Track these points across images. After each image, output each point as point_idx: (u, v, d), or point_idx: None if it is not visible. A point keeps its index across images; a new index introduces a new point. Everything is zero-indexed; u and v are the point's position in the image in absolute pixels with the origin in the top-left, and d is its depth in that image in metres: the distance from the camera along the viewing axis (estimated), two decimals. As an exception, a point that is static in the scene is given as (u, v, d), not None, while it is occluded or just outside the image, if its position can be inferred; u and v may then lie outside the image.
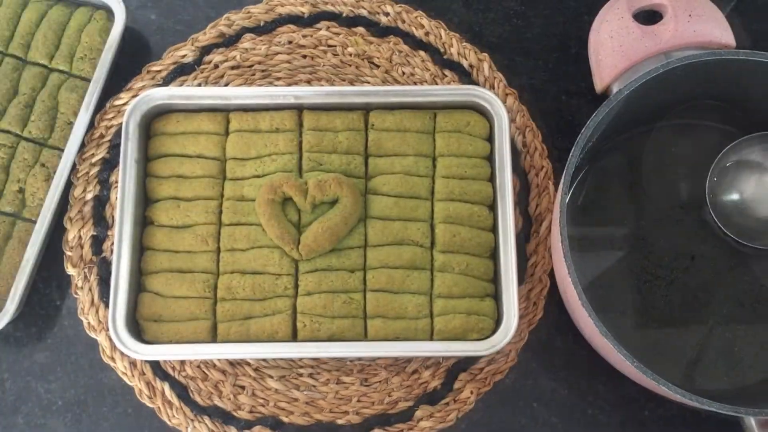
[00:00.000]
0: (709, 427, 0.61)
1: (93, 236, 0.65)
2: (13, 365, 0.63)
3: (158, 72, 0.69)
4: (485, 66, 0.68)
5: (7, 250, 0.63)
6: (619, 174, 0.65)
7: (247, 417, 0.61)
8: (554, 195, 0.65)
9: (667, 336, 0.61)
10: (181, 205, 0.62)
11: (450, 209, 0.61)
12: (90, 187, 0.66)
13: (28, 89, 0.66)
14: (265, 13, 0.70)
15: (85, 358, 0.63)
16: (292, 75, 0.68)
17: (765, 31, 0.70)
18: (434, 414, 0.61)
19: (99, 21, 0.67)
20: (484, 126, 0.63)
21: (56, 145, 0.65)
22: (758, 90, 0.59)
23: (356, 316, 0.60)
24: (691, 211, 0.63)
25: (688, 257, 0.62)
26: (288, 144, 0.63)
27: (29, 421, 0.62)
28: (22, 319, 0.64)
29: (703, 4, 0.62)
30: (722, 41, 0.61)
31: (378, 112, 0.64)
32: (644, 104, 0.58)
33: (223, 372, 0.62)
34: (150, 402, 0.62)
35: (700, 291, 0.62)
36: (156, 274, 0.61)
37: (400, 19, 0.69)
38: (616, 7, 0.62)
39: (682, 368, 0.60)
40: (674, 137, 0.65)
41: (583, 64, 0.66)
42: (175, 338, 0.59)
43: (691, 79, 0.57)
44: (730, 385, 0.60)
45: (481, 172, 0.63)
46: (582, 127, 0.54)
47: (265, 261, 0.61)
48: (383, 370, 0.62)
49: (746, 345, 0.60)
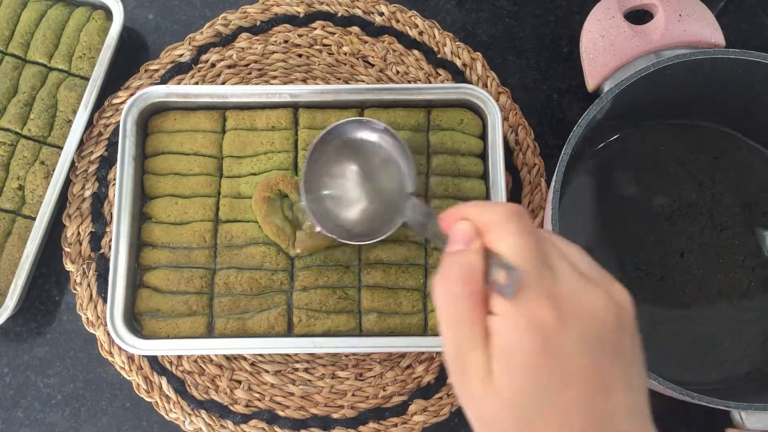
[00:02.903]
0: (698, 420, 0.62)
1: (91, 233, 0.65)
2: (12, 360, 0.64)
3: (156, 71, 0.69)
4: (478, 65, 0.69)
5: (7, 246, 0.63)
6: (610, 172, 0.65)
7: (244, 411, 0.62)
8: (546, 192, 0.66)
9: (657, 331, 0.62)
10: (179, 201, 0.63)
11: (444, 206, 0.62)
12: (88, 185, 0.66)
13: (28, 88, 0.66)
14: (261, 13, 0.70)
15: (84, 353, 0.64)
16: (288, 74, 0.69)
17: (754, 31, 0.71)
18: (428, 408, 0.62)
19: (97, 20, 0.68)
20: (477, 124, 0.64)
21: (55, 143, 0.66)
22: (747, 89, 0.59)
23: (351, 311, 0.61)
24: (681, 207, 0.64)
25: (678, 254, 0.63)
26: (284, 142, 0.64)
27: (29, 414, 0.63)
28: (22, 314, 0.65)
29: (693, 3, 0.62)
30: (712, 41, 0.61)
31: (372, 110, 0.64)
32: (635, 103, 0.59)
33: (220, 367, 0.63)
34: (148, 396, 0.62)
35: (690, 287, 0.63)
36: (153, 270, 0.62)
37: (394, 19, 0.70)
38: (607, 6, 0.63)
39: (671, 363, 0.61)
40: (665, 135, 0.66)
41: (574, 62, 0.66)
42: (173, 333, 0.60)
43: (681, 78, 0.58)
44: (719, 379, 0.60)
45: (474, 169, 0.63)
46: (574, 125, 0.55)
47: (261, 257, 0.61)
48: (378, 364, 0.63)
49: (735, 340, 0.61)
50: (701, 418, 0.62)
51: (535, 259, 0.34)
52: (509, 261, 0.34)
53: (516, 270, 0.34)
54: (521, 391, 0.33)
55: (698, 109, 0.65)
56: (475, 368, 0.34)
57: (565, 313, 0.33)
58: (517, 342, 0.33)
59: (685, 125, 0.66)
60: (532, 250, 0.34)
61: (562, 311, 0.33)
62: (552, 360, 0.33)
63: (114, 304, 0.59)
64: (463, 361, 0.35)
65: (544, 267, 0.34)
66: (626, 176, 0.65)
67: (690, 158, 0.65)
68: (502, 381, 0.33)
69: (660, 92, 0.59)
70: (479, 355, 0.34)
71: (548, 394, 0.33)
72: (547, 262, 0.35)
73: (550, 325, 0.33)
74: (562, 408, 0.33)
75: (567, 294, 0.34)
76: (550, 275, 0.34)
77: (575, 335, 0.33)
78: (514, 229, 0.35)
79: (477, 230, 0.37)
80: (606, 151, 0.65)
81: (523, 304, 0.33)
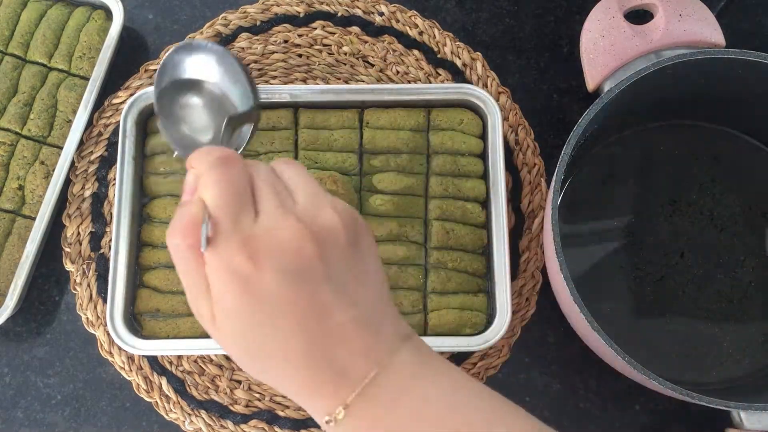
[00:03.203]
0: (698, 420, 0.62)
1: (91, 233, 0.65)
2: (12, 360, 0.64)
3: (155, 71, 0.69)
4: (478, 65, 0.69)
5: (7, 246, 0.63)
6: (610, 172, 0.65)
7: (244, 411, 0.62)
8: (546, 192, 0.66)
9: (657, 331, 0.62)
10: (179, 201, 0.62)
11: (444, 206, 0.62)
12: (88, 185, 0.66)
13: (28, 88, 0.66)
14: (261, 13, 0.70)
15: (84, 353, 0.64)
16: (288, 74, 0.69)
17: (754, 31, 0.71)
18: (428, 408, 0.62)
19: (97, 20, 0.68)
20: (477, 124, 0.64)
21: (55, 143, 0.66)
22: (748, 89, 0.59)
23: (351, 311, 0.61)
24: (681, 207, 0.64)
25: (678, 254, 0.63)
26: (284, 142, 0.64)
27: (28, 415, 0.63)
28: (22, 314, 0.65)
29: (693, 3, 0.62)
30: (712, 40, 0.61)
31: (373, 110, 0.64)
32: (635, 103, 0.59)
33: (220, 367, 0.63)
34: (148, 396, 0.62)
35: (690, 287, 0.63)
36: (154, 270, 0.62)
37: (394, 19, 0.70)
38: (607, 6, 0.63)
39: (672, 362, 0.61)
40: (665, 135, 0.66)
41: (574, 62, 0.66)
42: (173, 333, 0.60)
43: (681, 78, 0.58)
44: (720, 379, 0.61)
45: (474, 169, 0.63)
46: (574, 125, 0.55)
47: (261, 257, 0.61)
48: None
49: (735, 340, 0.61)
50: (701, 418, 0.62)
51: (230, 206, 0.37)
52: (208, 211, 0.37)
53: (208, 220, 0.37)
54: (239, 331, 0.37)
55: (698, 109, 0.65)
56: (204, 313, 0.38)
57: (257, 252, 0.36)
58: (223, 288, 0.36)
59: (685, 125, 0.66)
60: (226, 198, 0.37)
61: (255, 251, 0.36)
62: (255, 298, 0.36)
63: (114, 304, 0.59)
64: (196, 307, 0.39)
65: (242, 211, 0.37)
66: (626, 176, 0.65)
67: (690, 158, 0.65)
68: (223, 324, 0.37)
69: (660, 92, 0.59)
70: (204, 302, 0.38)
71: (263, 329, 0.36)
72: (245, 206, 0.37)
73: (245, 268, 0.36)
74: (280, 337, 0.36)
75: (261, 234, 0.36)
76: (249, 218, 0.37)
77: (272, 271, 0.36)
78: (214, 179, 0.38)
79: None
80: (606, 151, 0.66)
81: (219, 252, 0.36)
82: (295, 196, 0.39)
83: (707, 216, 0.64)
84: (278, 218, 0.37)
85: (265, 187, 0.39)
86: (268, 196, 0.38)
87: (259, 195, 0.39)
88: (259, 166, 0.41)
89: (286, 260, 0.36)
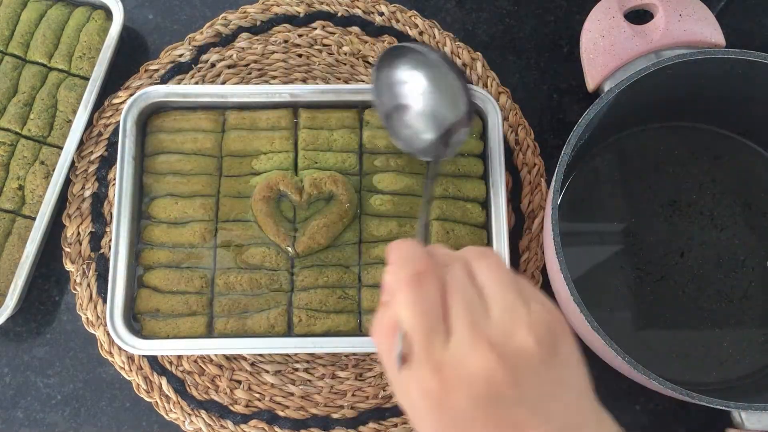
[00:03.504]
0: (699, 420, 0.62)
1: (91, 233, 0.65)
2: (12, 360, 0.64)
3: (156, 71, 0.69)
4: (478, 65, 0.69)
5: (7, 246, 0.63)
6: (610, 172, 0.65)
7: (244, 411, 0.62)
8: (546, 192, 0.66)
9: (657, 331, 0.62)
10: (179, 201, 0.63)
11: (444, 206, 0.62)
12: (88, 184, 0.66)
13: (28, 88, 0.66)
14: (261, 13, 0.70)
15: (84, 353, 0.64)
16: (288, 73, 0.69)
17: (754, 31, 0.71)
18: (428, 408, 0.62)
19: (97, 20, 0.68)
20: (477, 124, 0.64)
21: (55, 143, 0.66)
22: (748, 89, 0.59)
23: (351, 311, 0.61)
24: (681, 207, 0.64)
25: (678, 254, 0.63)
26: (284, 142, 0.64)
27: (28, 415, 0.63)
28: (22, 314, 0.65)
29: (693, 3, 0.62)
30: (712, 40, 0.61)
31: (373, 110, 0.64)
32: (635, 103, 0.59)
33: (220, 367, 0.63)
34: (148, 396, 0.62)
35: (690, 287, 0.63)
36: (153, 270, 0.62)
37: (394, 19, 0.70)
38: (607, 6, 0.63)
39: (672, 363, 0.61)
40: (665, 136, 0.66)
41: (574, 62, 0.66)
42: (173, 333, 0.60)
43: (681, 78, 0.58)
44: (720, 379, 0.61)
45: (474, 169, 0.63)
46: (574, 125, 0.55)
47: (261, 257, 0.61)
48: (378, 364, 0.63)
49: (735, 340, 0.61)
50: (701, 418, 0.62)
51: (423, 328, 0.37)
52: (402, 328, 0.37)
53: (404, 340, 0.37)
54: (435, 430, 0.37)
55: (698, 109, 0.65)
56: (406, 408, 0.39)
57: (448, 380, 0.36)
58: (416, 402, 0.37)
59: (685, 125, 0.66)
60: (419, 320, 0.37)
61: (446, 379, 0.36)
62: (448, 416, 0.36)
63: (114, 304, 0.59)
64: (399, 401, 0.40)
65: (434, 332, 0.37)
66: (626, 176, 0.65)
67: (690, 158, 0.65)
68: (418, 425, 0.38)
69: (660, 92, 0.59)
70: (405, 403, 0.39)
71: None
72: (437, 326, 0.37)
73: (437, 393, 0.36)
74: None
75: (452, 363, 0.36)
76: (441, 340, 0.37)
77: (463, 397, 0.36)
78: (409, 300, 0.38)
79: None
80: (606, 151, 0.66)
81: (414, 372, 0.37)
82: (489, 310, 0.38)
83: (707, 216, 0.64)
84: (470, 344, 0.36)
85: (457, 302, 0.38)
86: (460, 314, 0.37)
87: (451, 311, 0.38)
88: (454, 272, 0.39)
89: (477, 389, 0.36)
